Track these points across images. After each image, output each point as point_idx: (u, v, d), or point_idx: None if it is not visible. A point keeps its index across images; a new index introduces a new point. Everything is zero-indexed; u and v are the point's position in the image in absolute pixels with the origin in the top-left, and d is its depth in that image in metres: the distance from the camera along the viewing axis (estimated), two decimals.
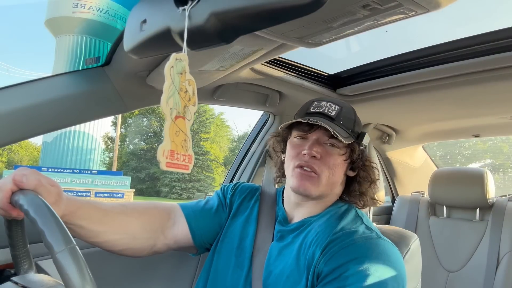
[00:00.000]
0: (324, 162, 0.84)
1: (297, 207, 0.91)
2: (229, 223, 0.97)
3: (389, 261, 0.74)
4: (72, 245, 0.52)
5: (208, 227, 0.96)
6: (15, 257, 0.70)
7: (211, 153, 25.27)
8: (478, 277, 1.72)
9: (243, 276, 0.87)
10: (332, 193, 0.90)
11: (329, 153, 0.85)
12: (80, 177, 15.78)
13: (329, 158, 0.85)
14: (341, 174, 0.88)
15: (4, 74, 22.84)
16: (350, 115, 0.89)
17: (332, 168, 0.85)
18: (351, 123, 0.88)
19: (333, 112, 0.87)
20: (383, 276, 0.71)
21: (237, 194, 1.02)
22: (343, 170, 0.88)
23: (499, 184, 17.41)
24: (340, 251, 0.75)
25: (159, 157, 0.55)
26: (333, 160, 0.85)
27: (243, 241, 0.92)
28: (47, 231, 0.53)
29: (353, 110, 0.92)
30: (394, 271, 0.73)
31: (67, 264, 0.49)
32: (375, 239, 0.78)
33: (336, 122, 0.85)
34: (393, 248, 0.79)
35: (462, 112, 1.59)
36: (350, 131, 0.87)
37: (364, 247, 0.75)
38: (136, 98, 1.12)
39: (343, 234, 0.79)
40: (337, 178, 0.87)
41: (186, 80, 0.59)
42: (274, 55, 0.92)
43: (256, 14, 0.54)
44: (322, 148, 0.85)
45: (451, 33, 1.12)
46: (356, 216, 0.87)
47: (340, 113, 0.87)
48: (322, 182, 0.84)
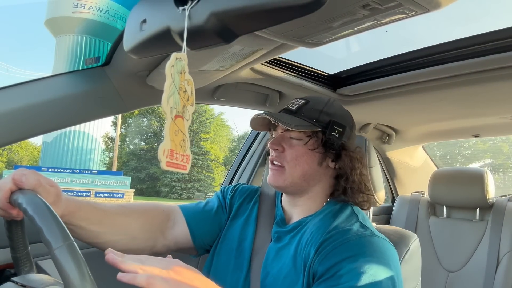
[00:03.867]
0: (288, 153, 0.87)
1: (293, 207, 0.92)
2: (228, 224, 0.98)
3: (383, 258, 0.74)
4: (70, 241, 0.51)
5: (208, 229, 0.96)
6: (16, 260, 0.70)
7: (211, 153, 25.28)
8: (478, 277, 1.72)
9: (242, 277, 0.87)
10: (315, 187, 0.89)
11: (292, 145, 0.87)
12: (80, 177, 15.79)
13: (291, 149, 0.87)
14: (311, 164, 0.86)
15: (4, 74, 22.85)
16: (317, 106, 0.89)
17: (296, 159, 0.86)
18: (315, 113, 0.87)
19: (294, 106, 0.90)
20: (377, 273, 0.71)
21: (236, 196, 1.02)
22: (312, 160, 0.87)
23: (499, 184, 17.41)
24: (333, 250, 0.75)
25: (160, 156, 0.55)
26: (296, 151, 0.86)
27: (242, 242, 0.92)
28: (45, 228, 0.53)
29: (325, 102, 0.91)
30: (388, 269, 0.73)
31: (65, 260, 0.49)
32: (369, 237, 0.77)
33: (296, 115, 0.87)
34: (388, 245, 0.78)
35: (462, 112, 1.59)
36: (314, 120, 0.86)
37: (358, 245, 0.75)
38: (136, 98, 1.12)
39: (336, 233, 0.78)
40: (307, 168, 0.86)
41: (185, 80, 0.60)
42: (274, 55, 0.92)
43: (256, 14, 0.54)
44: (286, 141, 0.88)
45: (451, 33, 1.13)
46: (352, 214, 0.86)
47: (304, 106, 0.89)
48: (288, 173, 0.86)
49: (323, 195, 0.90)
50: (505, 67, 1.08)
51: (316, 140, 0.87)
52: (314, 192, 0.89)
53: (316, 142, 0.86)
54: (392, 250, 0.79)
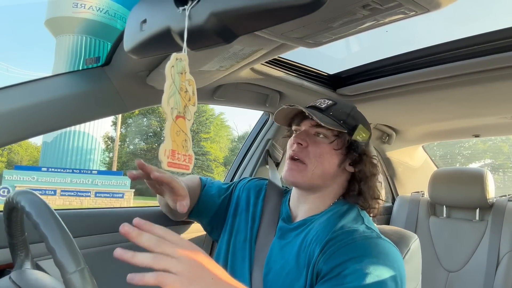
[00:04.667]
0: (311, 150, 0.87)
1: (300, 204, 0.92)
2: (238, 218, 1.00)
3: (388, 260, 0.74)
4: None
5: (209, 207, 1.04)
6: (12, 246, 0.70)
7: (211, 153, 25.27)
8: (478, 277, 1.72)
9: (247, 271, 0.88)
10: (328, 187, 0.90)
11: (316, 142, 0.87)
12: (80, 177, 15.78)
13: (316, 146, 0.87)
14: (332, 164, 0.87)
15: (4, 74, 22.84)
16: (344, 109, 0.90)
17: (319, 157, 0.86)
18: (343, 115, 0.88)
19: (323, 105, 0.90)
20: (382, 275, 0.71)
21: (245, 190, 1.05)
22: (334, 161, 0.87)
23: (499, 184, 17.39)
24: (339, 249, 0.75)
25: (161, 156, 0.55)
26: (320, 149, 0.86)
27: (248, 236, 0.94)
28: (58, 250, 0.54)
29: (351, 107, 0.92)
30: (393, 271, 0.73)
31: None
32: (375, 239, 0.78)
33: (325, 113, 0.88)
34: (393, 248, 0.79)
35: (462, 112, 1.59)
36: (341, 122, 0.87)
37: (364, 246, 0.75)
38: (136, 98, 1.12)
39: (342, 233, 0.79)
40: (328, 168, 0.87)
41: (186, 80, 0.59)
42: (274, 55, 0.92)
43: (256, 14, 0.54)
44: (310, 138, 0.88)
45: (451, 33, 1.12)
46: (358, 216, 0.87)
47: (332, 106, 0.90)
48: (309, 170, 0.86)
49: (333, 195, 0.91)
50: (505, 67, 1.08)
51: (342, 141, 0.87)
52: (326, 192, 0.90)
53: (341, 143, 0.87)
54: (397, 253, 0.79)
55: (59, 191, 15.08)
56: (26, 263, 0.72)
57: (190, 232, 1.37)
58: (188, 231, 1.36)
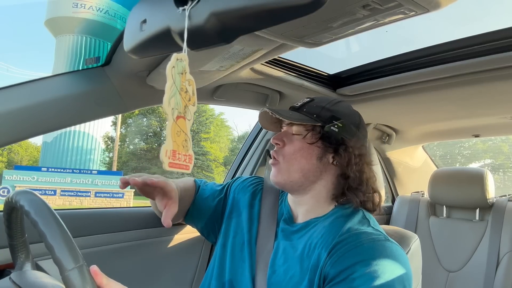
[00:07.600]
0: (287, 149, 0.88)
1: (297, 205, 0.92)
2: (235, 220, 0.99)
3: (397, 263, 0.73)
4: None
5: (203, 210, 1.04)
6: (13, 247, 0.70)
7: (211, 153, 25.25)
8: (478, 277, 1.72)
9: (248, 273, 0.87)
10: (315, 183, 0.87)
11: (292, 140, 0.88)
12: (80, 177, 15.76)
13: (291, 144, 0.88)
14: (309, 159, 0.86)
15: (4, 74, 22.84)
16: (320, 103, 0.89)
17: (294, 153, 0.86)
18: (318, 109, 0.88)
19: (298, 104, 0.91)
20: (390, 278, 0.70)
21: (240, 191, 1.04)
22: (310, 155, 0.86)
23: (499, 184, 17.40)
24: (347, 253, 0.74)
25: (162, 157, 0.55)
26: (294, 146, 0.87)
27: (247, 238, 0.93)
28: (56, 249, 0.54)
29: (330, 101, 0.91)
30: (401, 274, 0.72)
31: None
32: (383, 241, 0.77)
33: (299, 110, 0.89)
34: (400, 250, 0.78)
35: (462, 112, 1.59)
36: (314, 115, 0.87)
37: (372, 249, 0.74)
38: (136, 98, 1.12)
39: (349, 236, 0.78)
40: (305, 163, 0.86)
41: (187, 80, 0.60)
42: (274, 55, 0.92)
43: (256, 14, 0.54)
44: (288, 137, 0.89)
45: (450, 33, 1.12)
46: (363, 218, 0.85)
47: (307, 103, 0.90)
48: (282, 167, 0.87)
49: (327, 195, 0.88)
50: (505, 67, 1.08)
51: (315, 133, 0.86)
52: (317, 191, 0.88)
53: (315, 136, 0.86)
54: (405, 256, 0.78)
55: (59, 191, 15.07)
56: (27, 264, 0.72)
57: (188, 233, 1.37)
58: (187, 231, 1.36)
